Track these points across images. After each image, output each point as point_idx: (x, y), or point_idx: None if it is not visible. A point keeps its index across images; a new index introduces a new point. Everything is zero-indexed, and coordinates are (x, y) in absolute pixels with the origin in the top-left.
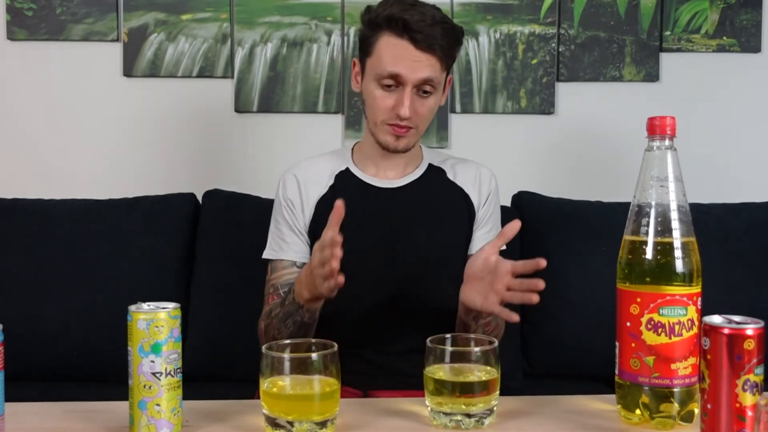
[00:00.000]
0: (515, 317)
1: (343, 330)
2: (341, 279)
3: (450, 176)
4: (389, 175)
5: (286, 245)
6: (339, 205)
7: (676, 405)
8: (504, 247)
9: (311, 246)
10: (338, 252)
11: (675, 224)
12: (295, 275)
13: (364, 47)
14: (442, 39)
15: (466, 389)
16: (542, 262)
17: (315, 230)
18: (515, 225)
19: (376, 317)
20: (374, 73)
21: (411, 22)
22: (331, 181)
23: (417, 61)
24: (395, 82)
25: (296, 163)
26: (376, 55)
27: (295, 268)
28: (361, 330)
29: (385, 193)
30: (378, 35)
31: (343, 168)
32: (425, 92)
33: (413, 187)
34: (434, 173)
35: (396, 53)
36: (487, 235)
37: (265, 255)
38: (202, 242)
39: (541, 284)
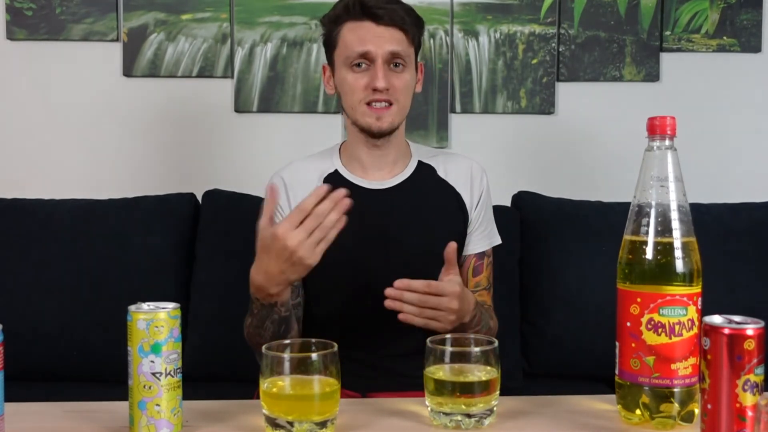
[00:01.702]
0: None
1: (337, 334)
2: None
3: (441, 173)
4: (378, 176)
5: None
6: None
7: (676, 405)
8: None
9: None
10: (345, 201)
11: (675, 224)
12: None
13: (329, 44)
14: (404, 14)
15: (466, 389)
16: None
17: None
18: (451, 246)
19: (370, 320)
20: (343, 58)
21: (368, 3)
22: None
23: (382, 37)
24: (366, 60)
25: (285, 165)
26: (342, 43)
27: None
28: (356, 333)
29: (375, 194)
30: (340, 26)
31: (332, 170)
32: (397, 65)
33: (403, 187)
34: (424, 171)
35: (360, 34)
36: (482, 236)
37: None
38: (202, 242)
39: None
